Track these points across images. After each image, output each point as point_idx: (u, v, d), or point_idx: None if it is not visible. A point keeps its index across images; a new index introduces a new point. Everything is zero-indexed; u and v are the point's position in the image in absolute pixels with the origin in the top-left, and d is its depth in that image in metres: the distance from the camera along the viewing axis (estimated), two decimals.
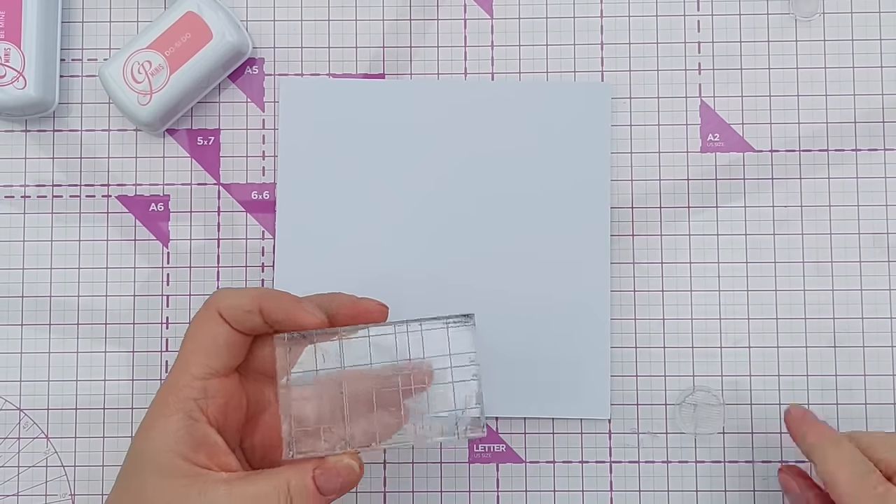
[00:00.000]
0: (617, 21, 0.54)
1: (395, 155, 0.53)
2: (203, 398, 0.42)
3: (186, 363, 0.42)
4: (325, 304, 0.44)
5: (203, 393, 0.42)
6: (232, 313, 0.42)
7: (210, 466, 0.41)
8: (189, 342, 0.42)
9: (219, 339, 0.42)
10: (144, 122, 0.52)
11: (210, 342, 0.42)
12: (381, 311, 0.44)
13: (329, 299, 0.44)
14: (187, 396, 0.41)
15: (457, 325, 0.43)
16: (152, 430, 0.41)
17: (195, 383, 0.41)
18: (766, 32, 0.54)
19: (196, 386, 0.41)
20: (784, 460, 0.52)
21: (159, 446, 0.41)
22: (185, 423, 0.41)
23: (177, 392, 0.41)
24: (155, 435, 0.41)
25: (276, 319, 0.42)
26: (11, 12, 0.52)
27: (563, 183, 0.53)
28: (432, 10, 0.55)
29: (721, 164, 0.54)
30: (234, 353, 0.43)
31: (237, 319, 0.42)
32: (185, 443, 0.41)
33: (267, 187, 0.54)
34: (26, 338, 0.53)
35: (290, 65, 0.55)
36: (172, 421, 0.41)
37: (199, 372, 0.42)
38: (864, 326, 0.53)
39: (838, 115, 0.54)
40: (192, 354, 0.42)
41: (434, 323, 0.43)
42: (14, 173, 0.54)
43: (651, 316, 0.53)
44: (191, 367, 0.42)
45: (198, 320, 0.43)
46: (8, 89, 0.51)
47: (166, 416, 0.41)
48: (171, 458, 0.40)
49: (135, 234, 0.54)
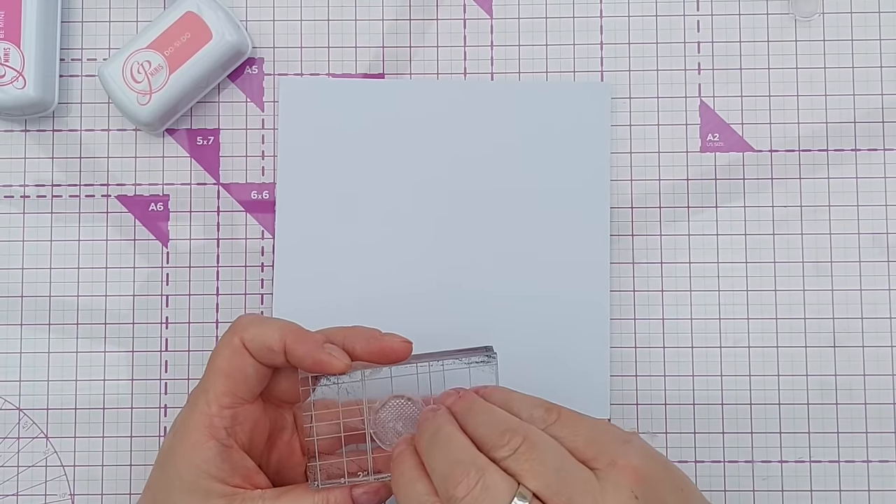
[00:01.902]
0: (617, 21, 0.54)
1: (394, 155, 0.53)
2: (232, 426, 0.43)
3: (216, 393, 0.43)
4: (347, 340, 0.44)
5: (233, 421, 0.43)
6: (256, 348, 0.43)
7: (245, 486, 0.43)
8: (216, 372, 0.44)
9: (248, 372, 0.44)
10: (144, 121, 0.52)
11: (239, 374, 0.44)
12: (405, 350, 0.44)
13: (352, 334, 0.45)
14: (219, 425, 0.43)
15: (479, 365, 0.44)
16: (186, 458, 0.43)
17: (225, 412, 0.43)
18: (765, 32, 0.54)
19: (226, 415, 0.43)
20: (784, 460, 0.52)
21: (196, 473, 0.42)
22: (220, 450, 0.43)
23: (209, 420, 0.43)
24: (190, 462, 0.43)
25: (300, 362, 0.43)
26: (11, 12, 0.52)
27: (563, 183, 0.53)
28: (432, 10, 0.55)
29: (721, 164, 0.54)
30: (260, 383, 0.44)
31: (261, 355, 0.44)
32: (222, 468, 0.43)
33: (267, 187, 0.54)
34: (26, 338, 0.53)
35: (289, 65, 0.55)
36: (207, 448, 0.43)
37: (229, 402, 0.43)
38: (863, 326, 0.53)
39: (838, 115, 0.54)
40: (220, 384, 0.43)
41: (456, 363, 0.44)
42: (14, 173, 0.54)
43: (651, 316, 0.53)
44: (221, 398, 0.43)
45: (224, 350, 0.44)
46: (8, 89, 0.51)
47: (200, 443, 0.43)
48: (209, 483, 0.42)
49: (134, 233, 0.54)
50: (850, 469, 0.52)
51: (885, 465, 0.52)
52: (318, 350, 0.43)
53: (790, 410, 0.53)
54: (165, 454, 0.44)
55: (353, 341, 0.44)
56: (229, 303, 0.53)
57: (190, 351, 0.53)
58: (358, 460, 0.45)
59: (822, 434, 0.52)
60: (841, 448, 0.52)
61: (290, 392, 0.46)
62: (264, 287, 0.54)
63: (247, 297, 0.53)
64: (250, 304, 0.53)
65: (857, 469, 0.52)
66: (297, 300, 0.53)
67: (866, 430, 0.52)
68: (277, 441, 0.47)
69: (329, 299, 0.53)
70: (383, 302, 0.53)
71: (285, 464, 0.47)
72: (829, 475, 0.52)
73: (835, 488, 0.52)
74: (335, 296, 0.53)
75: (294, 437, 0.47)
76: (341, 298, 0.53)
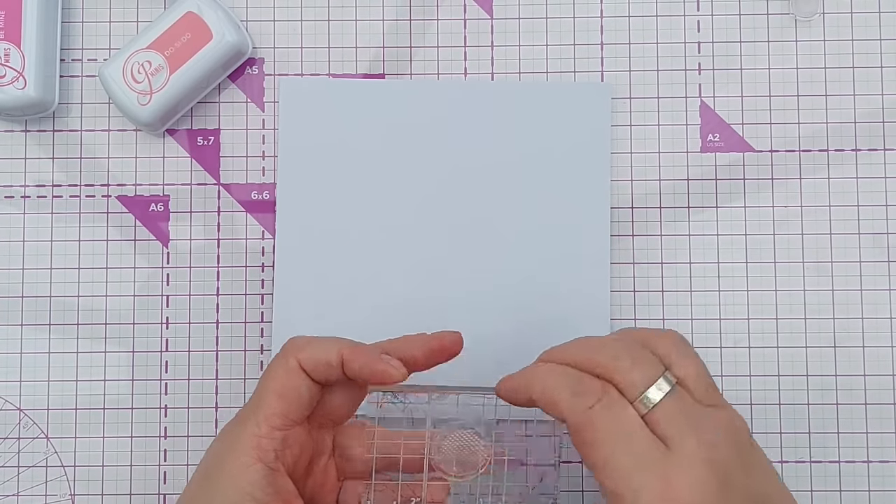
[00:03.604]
0: (617, 21, 0.54)
1: (394, 155, 0.53)
2: (282, 448, 0.43)
3: (268, 413, 0.43)
4: (402, 349, 0.44)
5: (283, 444, 0.43)
6: (313, 366, 0.43)
7: None
8: (271, 393, 0.43)
9: (302, 392, 0.43)
10: (144, 122, 0.52)
11: (294, 395, 0.43)
12: (458, 341, 0.45)
13: (405, 342, 0.45)
14: (268, 447, 0.42)
15: None
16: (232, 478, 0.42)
17: (276, 434, 0.43)
18: (766, 32, 0.54)
19: (277, 437, 0.43)
20: (784, 460, 0.52)
21: (240, 494, 0.42)
22: (266, 472, 0.42)
23: (257, 441, 0.42)
24: (236, 483, 0.42)
25: (359, 374, 0.43)
26: (11, 12, 0.52)
27: (564, 183, 0.53)
28: (432, 10, 0.55)
29: (721, 164, 0.54)
30: (311, 403, 0.44)
31: (317, 372, 0.43)
32: (266, 492, 0.42)
33: (267, 187, 0.54)
34: (26, 338, 0.53)
35: (290, 65, 0.55)
36: (254, 471, 0.42)
37: (280, 423, 0.43)
38: (863, 326, 0.53)
39: (838, 115, 0.54)
40: (273, 404, 0.43)
41: None
42: (14, 173, 0.54)
43: (651, 316, 0.53)
44: (272, 419, 0.43)
45: (278, 370, 0.43)
46: (8, 89, 0.51)
47: (248, 465, 0.42)
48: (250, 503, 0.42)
49: (135, 234, 0.54)
50: (850, 469, 0.52)
51: (885, 466, 0.52)
52: (375, 361, 0.43)
53: (790, 410, 0.53)
54: (212, 468, 0.43)
55: (408, 349, 0.44)
56: (229, 303, 0.53)
57: (190, 351, 0.53)
58: (412, 485, 0.46)
59: (823, 434, 0.52)
60: (841, 448, 0.52)
61: (337, 410, 0.46)
62: (264, 287, 0.54)
63: (247, 297, 0.53)
64: (250, 303, 0.53)
65: (857, 469, 0.52)
66: (297, 300, 0.53)
67: (866, 430, 0.52)
68: (315, 465, 0.46)
69: (329, 299, 0.53)
70: (384, 301, 0.53)
71: (319, 489, 0.46)
72: (830, 475, 0.52)
73: (835, 488, 0.52)
74: (335, 295, 0.53)
75: (330, 462, 0.47)
76: (342, 298, 0.53)
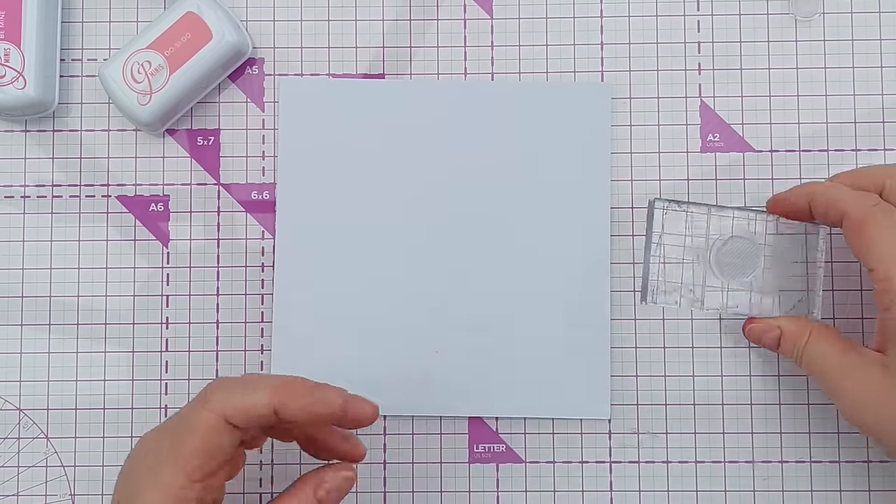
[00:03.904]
0: (617, 21, 0.54)
1: (394, 155, 0.53)
2: (204, 495, 0.41)
3: (185, 467, 0.40)
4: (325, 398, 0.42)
5: (204, 491, 0.41)
6: (244, 419, 0.41)
7: None
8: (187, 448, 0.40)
9: (224, 445, 0.41)
10: (144, 122, 0.52)
11: (216, 449, 0.40)
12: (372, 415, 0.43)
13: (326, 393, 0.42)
14: (186, 498, 0.40)
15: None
16: None
17: (195, 486, 0.40)
18: (766, 32, 0.54)
19: (196, 488, 0.40)
20: (784, 460, 0.52)
21: None
22: None
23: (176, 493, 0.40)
24: None
25: (294, 418, 0.41)
26: (11, 12, 0.52)
27: (564, 183, 0.53)
28: (432, 10, 0.55)
29: (721, 164, 0.54)
30: (233, 449, 0.42)
31: (249, 423, 0.41)
32: None
33: (267, 187, 0.54)
34: (26, 338, 0.53)
35: (290, 65, 0.55)
36: None
37: (200, 476, 0.40)
38: (864, 327, 0.53)
39: (838, 115, 0.54)
40: (191, 459, 0.40)
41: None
42: (14, 173, 0.54)
43: (651, 316, 0.53)
44: (191, 473, 0.40)
45: (197, 423, 0.40)
46: (8, 89, 0.51)
47: None
48: None
49: (134, 234, 0.54)
50: (850, 469, 0.52)
51: (885, 466, 0.52)
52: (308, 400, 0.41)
53: (790, 410, 0.53)
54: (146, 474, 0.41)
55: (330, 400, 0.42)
56: (229, 303, 0.53)
57: (190, 351, 0.53)
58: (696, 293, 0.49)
59: (823, 434, 0.52)
60: (841, 448, 0.52)
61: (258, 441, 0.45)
62: (264, 287, 0.54)
63: (247, 297, 0.53)
64: (250, 304, 0.53)
65: (857, 469, 0.52)
66: (297, 300, 0.53)
67: None
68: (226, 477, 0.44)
69: (329, 299, 0.53)
70: (383, 301, 0.53)
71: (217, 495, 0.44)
72: (830, 475, 0.52)
73: (835, 488, 0.52)
74: (335, 295, 0.53)
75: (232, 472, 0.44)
76: (341, 298, 0.53)
